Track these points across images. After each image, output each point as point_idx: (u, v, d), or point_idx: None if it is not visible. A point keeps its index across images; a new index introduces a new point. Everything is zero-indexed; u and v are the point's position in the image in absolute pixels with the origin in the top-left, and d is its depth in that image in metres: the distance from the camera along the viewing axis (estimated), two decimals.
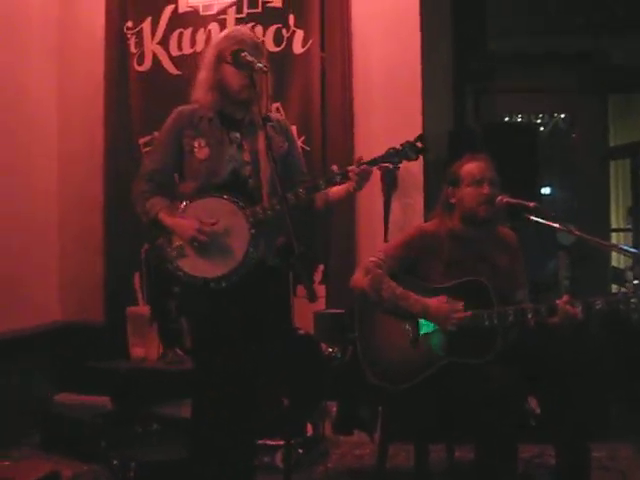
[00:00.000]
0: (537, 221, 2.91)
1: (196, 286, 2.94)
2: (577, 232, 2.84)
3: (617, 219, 6.67)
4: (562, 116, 6.82)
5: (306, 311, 4.20)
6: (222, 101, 3.05)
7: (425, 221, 4.10)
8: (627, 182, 6.49)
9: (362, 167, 2.90)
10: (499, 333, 2.92)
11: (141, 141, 4.61)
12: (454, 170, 3.15)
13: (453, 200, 3.13)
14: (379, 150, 4.11)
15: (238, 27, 3.13)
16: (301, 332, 4.04)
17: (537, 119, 6.90)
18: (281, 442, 3.65)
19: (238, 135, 3.05)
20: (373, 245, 4.31)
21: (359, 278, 3.09)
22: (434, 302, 2.95)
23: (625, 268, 5.49)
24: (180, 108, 3.13)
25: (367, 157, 2.96)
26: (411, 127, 4.36)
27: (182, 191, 3.06)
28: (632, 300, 2.75)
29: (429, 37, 4.54)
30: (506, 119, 6.41)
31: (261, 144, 3.02)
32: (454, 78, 5.02)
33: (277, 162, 2.91)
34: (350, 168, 2.91)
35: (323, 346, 4.07)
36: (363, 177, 2.91)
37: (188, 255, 2.93)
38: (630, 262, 5.69)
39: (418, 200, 4.39)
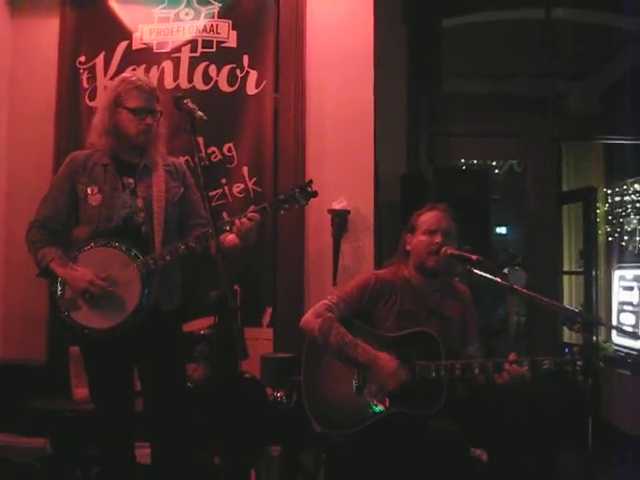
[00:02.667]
0: (479, 274, 2.91)
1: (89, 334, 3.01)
2: (517, 287, 2.84)
3: (569, 262, 6.76)
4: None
5: (254, 354, 4.16)
6: (117, 146, 3.09)
7: (377, 265, 4.11)
8: (579, 225, 6.59)
9: (242, 220, 2.94)
10: (445, 386, 2.92)
11: None
12: (413, 218, 3.19)
13: (408, 247, 3.14)
14: (330, 194, 4.21)
15: (135, 72, 3.19)
16: (246, 376, 3.99)
17: (492, 161, 6.98)
18: None
19: (132, 181, 3.09)
20: (322, 288, 4.29)
21: (309, 319, 3.08)
22: (384, 356, 2.93)
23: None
24: (74, 154, 3.19)
25: (318, 203, 3.00)
26: (363, 170, 4.39)
27: (76, 235, 3.10)
28: (578, 362, 2.78)
29: (383, 80, 4.57)
30: (462, 160, 6.47)
31: (155, 190, 3.07)
32: (408, 121, 5.05)
33: (172, 207, 3.07)
34: (235, 220, 2.97)
35: (269, 390, 4.03)
36: (243, 230, 2.95)
37: (80, 307, 2.98)
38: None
39: (368, 243, 4.36)
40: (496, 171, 7.05)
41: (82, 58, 4.60)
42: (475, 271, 2.92)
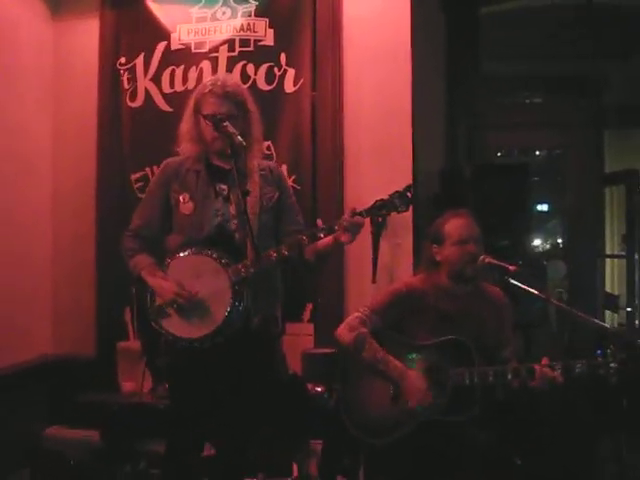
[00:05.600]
0: (516, 285, 2.92)
1: (179, 343, 2.99)
2: (554, 302, 2.85)
3: (611, 245, 6.67)
4: None
5: (294, 350, 4.24)
6: (206, 152, 3.07)
7: (416, 263, 4.13)
8: (622, 208, 6.49)
9: (356, 218, 2.87)
10: (479, 392, 2.96)
11: (133, 177, 4.63)
12: (437, 228, 3.19)
13: (439, 258, 3.16)
14: (368, 191, 4.22)
15: (217, 75, 3.15)
16: (288, 372, 4.07)
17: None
18: None
19: (225, 187, 3.05)
20: (362, 285, 4.33)
21: (343, 333, 3.12)
22: (411, 377, 2.99)
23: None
24: (168, 160, 3.17)
25: (356, 199, 2.98)
26: (401, 168, 4.38)
27: (169, 243, 3.10)
28: (611, 365, 2.79)
29: (421, 77, 4.51)
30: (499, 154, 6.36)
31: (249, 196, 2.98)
32: (446, 115, 5.01)
33: (265, 214, 2.99)
34: (343, 218, 2.89)
35: (310, 386, 4.10)
36: (354, 229, 2.89)
37: (170, 314, 2.98)
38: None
39: (407, 240, 4.37)
40: (537, 152, 6.96)
41: (122, 59, 4.68)
42: (512, 281, 2.93)
